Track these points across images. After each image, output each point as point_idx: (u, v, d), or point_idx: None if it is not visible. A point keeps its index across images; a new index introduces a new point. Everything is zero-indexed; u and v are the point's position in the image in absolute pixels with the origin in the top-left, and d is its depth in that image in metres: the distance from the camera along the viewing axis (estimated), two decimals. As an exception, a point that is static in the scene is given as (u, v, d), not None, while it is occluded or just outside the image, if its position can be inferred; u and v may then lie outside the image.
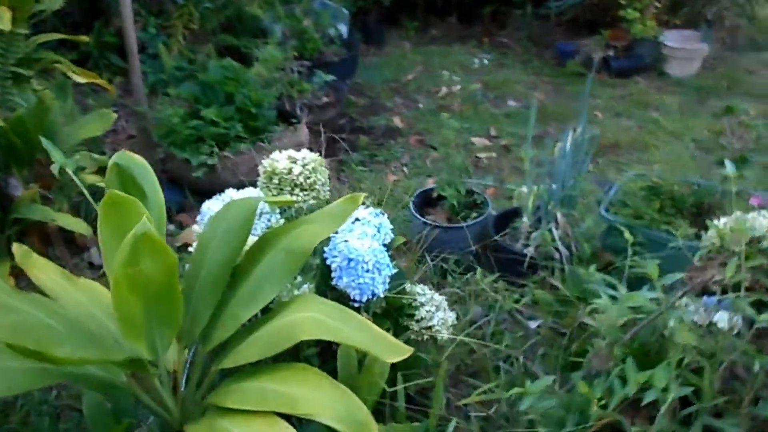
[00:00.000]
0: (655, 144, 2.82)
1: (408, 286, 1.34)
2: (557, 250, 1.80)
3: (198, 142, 2.25)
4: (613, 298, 1.06)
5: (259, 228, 1.20)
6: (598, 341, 1.07)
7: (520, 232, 1.92)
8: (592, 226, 1.73)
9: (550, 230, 1.79)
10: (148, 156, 2.59)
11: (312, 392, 0.86)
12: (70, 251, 2.03)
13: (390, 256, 1.27)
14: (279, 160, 1.33)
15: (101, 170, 2.25)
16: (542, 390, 0.91)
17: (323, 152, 2.55)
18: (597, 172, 2.57)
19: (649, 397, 0.83)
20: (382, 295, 1.19)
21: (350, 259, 1.15)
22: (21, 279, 1.69)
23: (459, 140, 2.41)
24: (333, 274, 1.18)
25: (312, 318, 0.92)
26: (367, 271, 1.16)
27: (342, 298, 1.18)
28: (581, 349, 1.26)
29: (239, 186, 2.17)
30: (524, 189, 1.96)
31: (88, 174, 2.08)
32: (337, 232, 1.21)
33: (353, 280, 1.15)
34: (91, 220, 2.27)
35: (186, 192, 2.30)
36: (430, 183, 2.52)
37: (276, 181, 1.32)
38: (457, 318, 1.41)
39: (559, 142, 1.78)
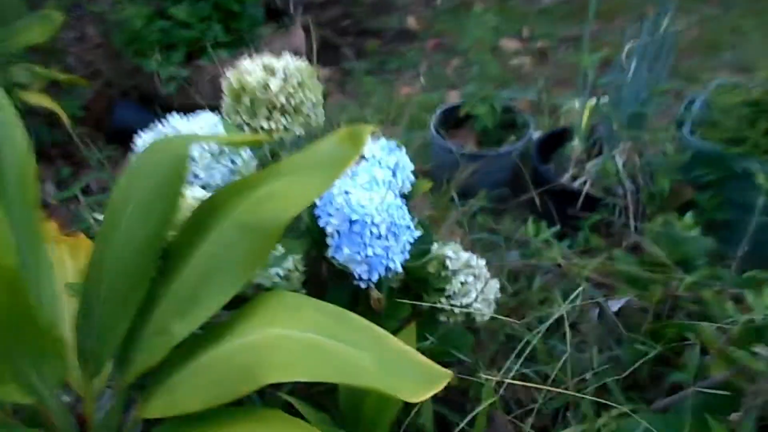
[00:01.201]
0: (722, 45, 2.34)
1: (434, 245, 0.97)
2: (620, 184, 1.40)
3: (168, 50, 1.82)
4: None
5: (218, 176, 0.81)
6: (725, 349, 0.70)
7: (569, 161, 1.51)
8: (672, 154, 1.32)
9: (613, 158, 1.39)
10: (115, 68, 2.18)
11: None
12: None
13: (410, 209, 0.88)
14: (250, 71, 0.92)
15: (54, 85, 1.85)
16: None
17: (319, 58, 2.12)
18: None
19: None
20: (400, 269, 0.82)
21: (353, 221, 0.77)
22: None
23: (485, 43, 1.96)
24: (329, 241, 0.80)
25: (288, 339, 0.55)
26: (379, 237, 0.78)
27: (342, 275, 0.81)
28: (674, 335, 0.90)
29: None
30: (576, 104, 1.54)
31: (33, 92, 1.67)
32: (333, 180, 0.82)
33: (358, 252, 0.78)
34: (39, 146, 1.89)
35: (158, 111, 1.89)
36: (452, 97, 2.09)
37: (246, 101, 0.91)
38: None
39: (629, 42, 1.34)
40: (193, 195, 0.65)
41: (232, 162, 0.82)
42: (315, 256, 0.85)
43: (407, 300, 0.93)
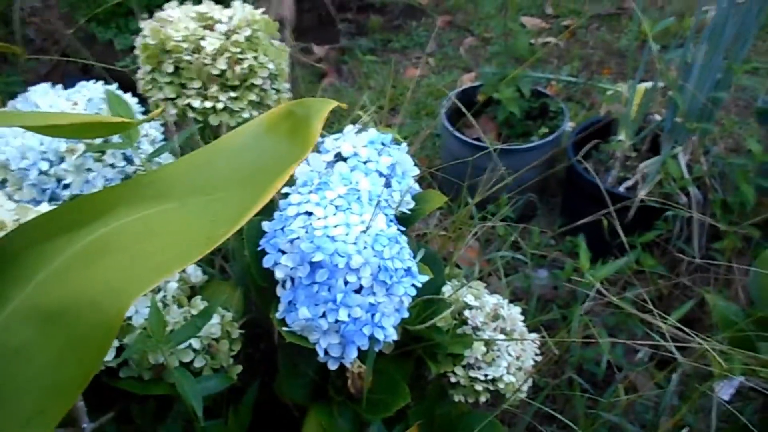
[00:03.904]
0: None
1: (447, 286, 0.65)
2: (683, 190, 1.08)
3: (128, 16, 1.50)
4: None
5: (99, 183, 0.49)
6: None
7: (614, 160, 1.19)
8: (758, 153, 0.99)
9: (674, 156, 1.07)
10: (72, 38, 1.86)
11: None
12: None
13: (408, 236, 0.57)
14: (174, 19, 0.60)
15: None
16: None
17: (313, 35, 1.81)
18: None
19: None
20: (394, 337, 0.50)
21: (316, 264, 0.46)
22: None
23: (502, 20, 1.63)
24: (279, 293, 0.49)
25: None
26: (359, 290, 0.47)
27: (300, 352, 0.49)
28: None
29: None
30: (622, 88, 1.22)
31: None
32: (287, 194, 0.50)
33: (324, 315, 0.46)
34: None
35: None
36: (465, 81, 1.76)
37: (169, 66, 0.60)
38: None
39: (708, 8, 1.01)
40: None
41: (127, 160, 0.50)
42: (258, 312, 0.54)
43: (403, 368, 0.61)
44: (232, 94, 0.61)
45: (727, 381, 0.59)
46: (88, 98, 0.51)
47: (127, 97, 0.55)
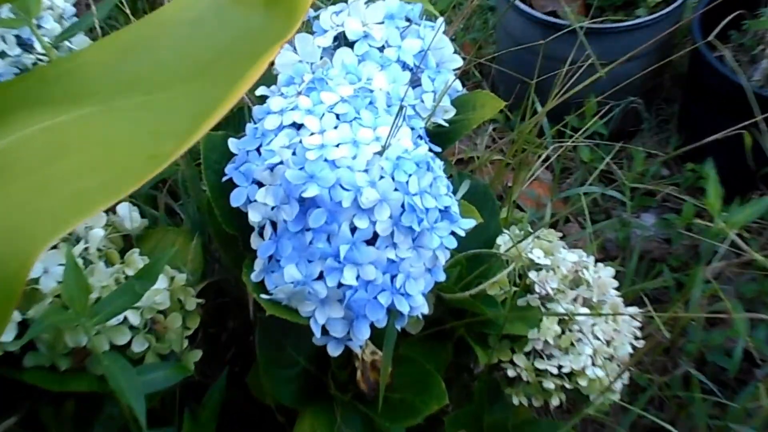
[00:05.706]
0: None
1: (503, 237, 0.66)
2: None
3: None
4: None
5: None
6: None
7: (764, 45, 1.20)
8: None
9: None
10: None
11: None
12: None
13: (445, 160, 0.59)
14: None
15: None
16: None
17: None
18: None
19: None
20: (424, 310, 0.52)
21: (308, 203, 0.47)
22: None
23: None
24: (254, 244, 0.50)
25: None
26: (373, 239, 0.48)
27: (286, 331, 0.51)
28: None
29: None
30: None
31: None
32: (264, 98, 0.52)
33: (319, 277, 0.48)
34: None
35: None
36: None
37: None
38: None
39: None
40: None
41: (23, 46, 0.51)
42: (225, 272, 0.55)
43: (438, 356, 0.64)
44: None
45: None
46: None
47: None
